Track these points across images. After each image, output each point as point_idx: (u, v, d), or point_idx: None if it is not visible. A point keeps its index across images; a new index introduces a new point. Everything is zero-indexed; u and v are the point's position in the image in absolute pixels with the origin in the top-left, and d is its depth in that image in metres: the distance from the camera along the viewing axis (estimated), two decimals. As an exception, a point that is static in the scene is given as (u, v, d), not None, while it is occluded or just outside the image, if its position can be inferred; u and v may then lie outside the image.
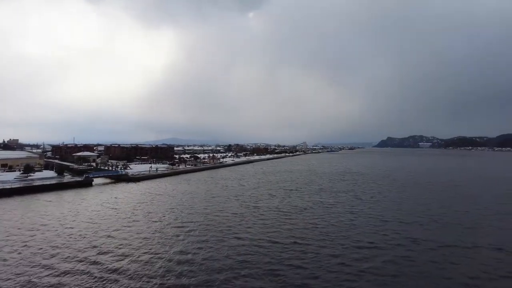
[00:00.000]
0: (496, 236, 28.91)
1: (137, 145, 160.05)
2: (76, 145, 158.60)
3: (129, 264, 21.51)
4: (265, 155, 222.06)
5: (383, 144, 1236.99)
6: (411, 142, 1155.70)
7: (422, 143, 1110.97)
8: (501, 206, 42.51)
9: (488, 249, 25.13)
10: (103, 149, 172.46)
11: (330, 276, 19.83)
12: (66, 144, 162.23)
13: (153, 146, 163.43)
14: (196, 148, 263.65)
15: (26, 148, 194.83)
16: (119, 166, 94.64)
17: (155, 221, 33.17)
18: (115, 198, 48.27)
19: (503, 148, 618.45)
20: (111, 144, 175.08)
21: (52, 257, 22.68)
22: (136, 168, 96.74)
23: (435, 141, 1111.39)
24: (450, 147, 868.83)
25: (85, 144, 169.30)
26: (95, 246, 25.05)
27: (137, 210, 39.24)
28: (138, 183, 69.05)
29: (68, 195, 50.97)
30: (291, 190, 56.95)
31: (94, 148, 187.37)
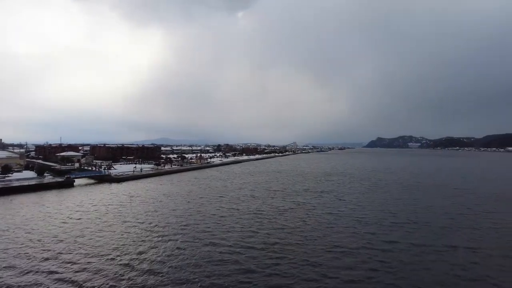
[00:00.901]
0: (472, 237, 28.55)
1: (123, 145, 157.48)
2: (60, 145, 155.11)
3: (88, 273, 20.27)
4: (254, 155, 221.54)
5: (373, 144, 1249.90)
6: (401, 143, 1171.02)
7: (411, 144, 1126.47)
8: (480, 207, 42.42)
9: (464, 250, 24.72)
10: (89, 149, 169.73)
11: (305, 285, 19.09)
12: (50, 144, 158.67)
13: (140, 146, 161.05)
14: (184, 148, 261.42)
15: (9, 148, 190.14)
16: (102, 167, 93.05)
17: (129, 225, 31.98)
18: (92, 199, 46.70)
19: (489, 149, 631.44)
20: (97, 144, 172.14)
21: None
22: (121, 168, 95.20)
23: (424, 141, 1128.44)
24: (438, 147, 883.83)
25: (70, 144, 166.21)
26: (54, 252, 23.76)
27: (112, 212, 37.96)
28: (120, 183, 67.79)
29: (47, 196, 49.48)
30: (275, 191, 56.17)
31: (80, 148, 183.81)
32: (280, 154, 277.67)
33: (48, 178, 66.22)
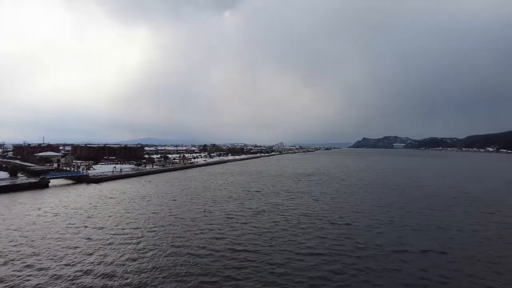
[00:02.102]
0: (443, 239, 28.74)
1: (105, 145, 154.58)
2: (39, 145, 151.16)
3: (43, 278, 19.38)
4: (239, 155, 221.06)
5: (359, 144, 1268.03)
6: (386, 143, 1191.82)
7: (396, 144, 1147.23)
8: (457, 208, 43.10)
9: (435, 253, 24.76)
10: (70, 149, 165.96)
11: None
12: (29, 144, 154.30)
13: (122, 146, 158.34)
14: (169, 148, 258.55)
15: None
16: (81, 167, 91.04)
17: (94, 227, 31.02)
18: (64, 201, 45.29)
19: (470, 149, 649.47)
20: (78, 144, 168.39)
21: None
22: (101, 168, 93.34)
23: (408, 141, 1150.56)
24: (422, 148, 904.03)
25: (50, 144, 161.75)
26: (7, 258, 22.76)
27: (79, 214, 36.80)
28: (98, 184, 66.47)
29: (17, 198, 47.80)
30: (254, 191, 55.73)
31: (61, 148, 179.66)
32: (266, 154, 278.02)
33: (21, 179, 64.34)
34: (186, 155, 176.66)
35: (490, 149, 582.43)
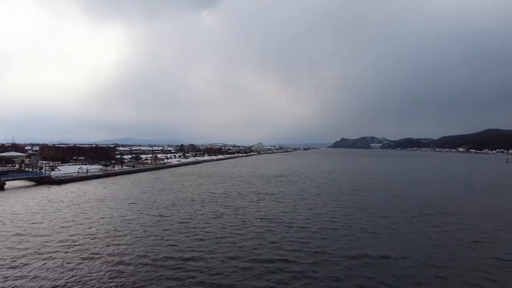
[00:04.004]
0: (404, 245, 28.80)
1: (75, 145, 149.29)
2: (3, 144, 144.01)
3: None
4: (216, 155, 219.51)
5: (337, 145, 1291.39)
6: (363, 143, 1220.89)
7: (373, 144, 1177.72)
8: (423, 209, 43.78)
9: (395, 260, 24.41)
10: (38, 149, 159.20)
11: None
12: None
13: (93, 146, 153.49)
14: (144, 148, 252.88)
15: None
16: (43, 168, 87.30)
17: (27, 234, 28.97)
18: (14, 204, 42.56)
19: (443, 149, 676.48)
20: (46, 144, 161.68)
21: None
22: (67, 169, 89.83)
23: (385, 142, 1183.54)
24: (398, 148, 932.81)
25: (15, 144, 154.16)
26: None
27: (21, 219, 34.43)
28: (61, 186, 63.90)
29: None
30: (220, 194, 54.50)
31: (28, 148, 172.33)
32: (244, 154, 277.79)
33: (-28, 181, 60.81)
34: (161, 155, 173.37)
35: (461, 149, 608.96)
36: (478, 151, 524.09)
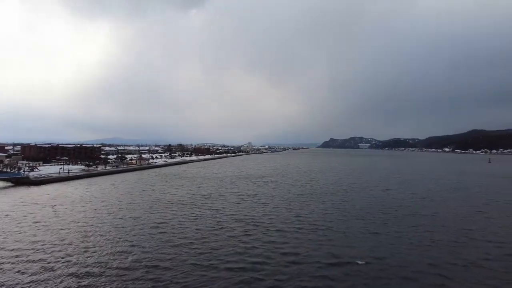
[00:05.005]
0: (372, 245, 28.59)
1: (58, 144, 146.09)
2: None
3: None
4: (204, 155, 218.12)
5: (326, 145, 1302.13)
6: (352, 143, 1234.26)
7: (362, 144, 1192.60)
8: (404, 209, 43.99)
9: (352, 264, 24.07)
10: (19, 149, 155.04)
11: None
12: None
13: (77, 145, 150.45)
14: (131, 148, 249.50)
15: None
16: (22, 168, 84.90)
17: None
18: None
19: (429, 149, 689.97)
20: (28, 144, 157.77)
21: None
22: (49, 170, 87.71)
23: (373, 142, 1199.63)
24: (386, 148, 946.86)
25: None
26: None
27: None
28: (39, 186, 62.24)
29: None
30: (201, 196, 53.35)
31: (9, 148, 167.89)
32: (232, 154, 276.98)
33: None
34: (147, 155, 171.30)
35: (447, 149, 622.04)
36: (463, 151, 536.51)
